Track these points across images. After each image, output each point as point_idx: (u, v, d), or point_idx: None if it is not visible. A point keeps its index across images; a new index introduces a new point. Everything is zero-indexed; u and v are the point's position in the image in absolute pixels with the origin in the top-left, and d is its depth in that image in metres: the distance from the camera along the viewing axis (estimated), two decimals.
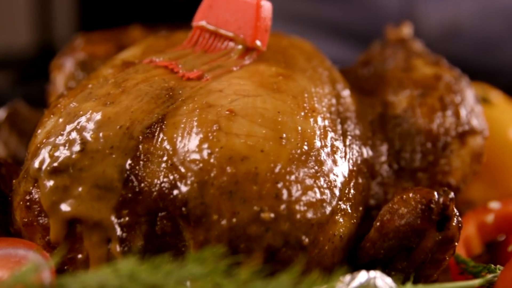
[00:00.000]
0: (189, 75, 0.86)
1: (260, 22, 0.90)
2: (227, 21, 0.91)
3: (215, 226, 0.75)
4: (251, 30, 0.90)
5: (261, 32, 0.90)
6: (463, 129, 0.95)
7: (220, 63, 0.89)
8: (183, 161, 0.77)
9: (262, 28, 0.90)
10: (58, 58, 1.11)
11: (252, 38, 0.90)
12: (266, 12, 0.91)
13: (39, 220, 0.79)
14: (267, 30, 0.91)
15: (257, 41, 0.90)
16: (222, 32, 0.91)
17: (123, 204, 0.77)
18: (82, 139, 0.79)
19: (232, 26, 0.91)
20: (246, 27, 0.90)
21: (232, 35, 0.91)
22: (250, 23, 0.90)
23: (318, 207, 0.77)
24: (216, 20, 0.92)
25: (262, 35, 0.91)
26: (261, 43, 0.91)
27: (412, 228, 0.77)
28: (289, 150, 0.78)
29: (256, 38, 0.90)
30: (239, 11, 0.91)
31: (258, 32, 0.90)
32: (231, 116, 0.79)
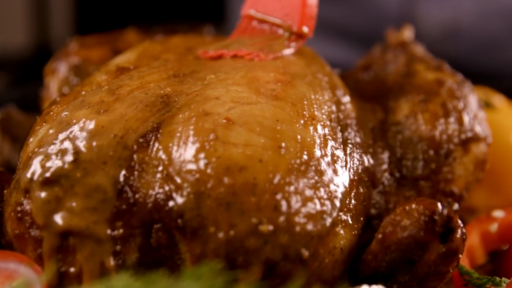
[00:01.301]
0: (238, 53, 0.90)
1: (307, 9, 0.94)
2: (274, 9, 0.95)
3: (212, 238, 0.72)
4: (298, 17, 0.94)
5: (308, 19, 0.95)
6: (466, 136, 0.93)
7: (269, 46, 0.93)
8: (179, 171, 0.75)
9: (309, 15, 0.95)
10: (51, 62, 1.08)
11: (300, 24, 0.94)
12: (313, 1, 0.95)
13: (31, 232, 0.77)
14: (313, 17, 0.95)
15: (304, 27, 0.94)
16: (269, 19, 0.95)
17: (117, 216, 0.75)
18: (75, 148, 0.77)
19: (279, 13, 0.95)
20: (293, 14, 0.94)
21: (280, 22, 0.94)
22: (297, 10, 0.94)
23: (318, 219, 0.75)
24: (264, 8, 0.96)
25: (309, 22, 0.95)
26: (308, 29, 0.94)
27: (415, 241, 0.75)
28: (288, 160, 0.76)
29: (303, 24, 0.94)
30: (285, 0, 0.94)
31: (305, 19, 0.94)
32: (229, 124, 0.77)
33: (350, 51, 2.04)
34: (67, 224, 0.75)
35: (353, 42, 2.03)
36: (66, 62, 1.06)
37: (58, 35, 3.08)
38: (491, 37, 2.04)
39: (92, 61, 1.06)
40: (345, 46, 2.05)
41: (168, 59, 0.91)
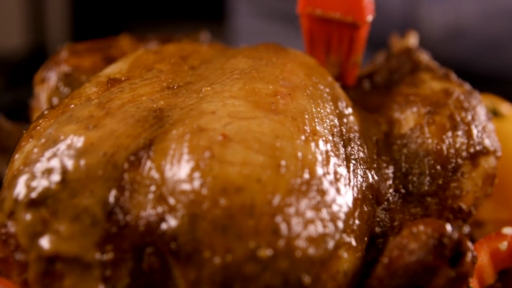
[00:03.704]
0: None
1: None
2: (332, 4, 0.92)
3: (208, 264, 0.68)
4: (361, 10, 0.92)
5: (368, 7, 0.93)
6: (475, 150, 0.88)
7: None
8: (172, 192, 0.71)
9: (367, 3, 0.93)
10: (41, 71, 1.04)
11: (363, 17, 0.92)
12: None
13: (16, 256, 0.73)
14: (371, 2, 0.94)
15: (368, 17, 0.93)
16: (330, 15, 0.92)
17: (107, 240, 0.71)
18: (62, 167, 0.73)
19: (339, 7, 0.92)
20: (353, 8, 0.92)
21: (340, 17, 0.92)
22: (356, 3, 0.92)
23: (320, 242, 0.70)
24: (322, 4, 0.93)
25: (369, 9, 0.93)
26: (371, 15, 0.94)
27: (423, 265, 0.71)
28: (288, 179, 0.71)
29: (365, 15, 0.92)
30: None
31: (365, 9, 0.92)
32: (225, 141, 0.73)
33: None
34: (54, 248, 0.70)
35: None
36: (56, 71, 1.01)
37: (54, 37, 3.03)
38: (494, 39, 2.00)
39: (83, 69, 1.02)
40: None
41: (161, 69, 0.87)
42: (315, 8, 0.93)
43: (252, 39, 2.11)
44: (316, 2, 0.93)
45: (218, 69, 0.88)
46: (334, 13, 0.92)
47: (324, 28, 0.95)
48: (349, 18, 0.92)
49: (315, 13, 0.93)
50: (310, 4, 0.93)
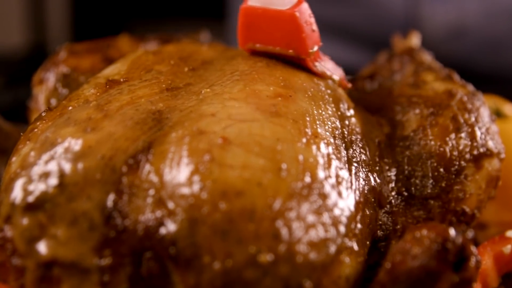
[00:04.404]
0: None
1: (305, 31, 0.84)
2: (272, 38, 0.86)
3: (207, 269, 0.67)
4: (300, 43, 0.85)
5: (310, 38, 0.85)
6: (478, 152, 0.87)
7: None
8: (171, 196, 0.69)
9: (309, 35, 0.85)
10: (39, 72, 1.03)
11: (305, 50, 0.85)
12: (305, 15, 0.85)
13: (13, 261, 0.72)
14: (314, 30, 0.87)
15: (311, 49, 0.86)
16: (271, 50, 0.87)
17: (105, 244, 0.69)
18: (60, 171, 0.72)
19: (279, 42, 0.86)
20: (294, 42, 0.85)
21: (281, 51, 0.86)
22: (295, 36, 0.84)
23: (321, 247, 0.69)
24: (261, 39, 0.87)
25: (312, 39, 0.86)
26: (315, 45, 0.86)
27: (426, 270, 0.69)
28: (289, 183, 0.70)
29: (308, 48, 0.85)
30: (278, 24, 0.85)
31: (307, 42, 0.85)
32: (225, 144, 0.72)
33: (354, 52, 1.99)
34: (51, 253, 0.69)
35: (357, 43, 1.99)
36: (54, 72, 1.00)
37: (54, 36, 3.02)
38: (497, 38, 2.00)
39: (82, 70, 1.01)
40: (349, 47, 2.00)
41: (161, 71, 0.86)
42: (255, 43, 0.87)
43: None
44: (256, 38, 0.87)
45: (218, 70, 0.87)
46: (274, 48, 0.86)
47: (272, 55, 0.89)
48: (291, 52, 0.86)
49: (258, 48, 0.87)
50: (250, 40, 0.87)
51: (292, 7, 0.84)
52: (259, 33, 0.86)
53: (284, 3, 0.85)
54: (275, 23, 0.85)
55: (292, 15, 0.83)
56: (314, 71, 0.87)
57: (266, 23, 0.85)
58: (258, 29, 0.86)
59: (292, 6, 0.84)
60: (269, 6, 0.85)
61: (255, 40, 0.87)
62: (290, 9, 0.84)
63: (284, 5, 0.84)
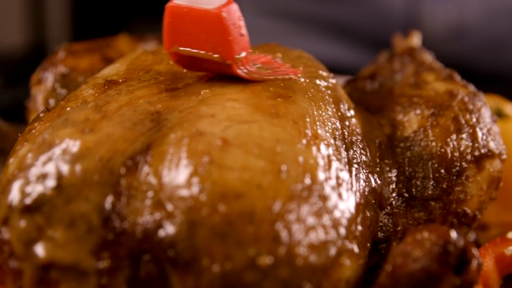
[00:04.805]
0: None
1: (232, 34, 0.77)
2: (197, 41, 0.78)
3: (206, 272, 0.66)
4: (226, 47, 0.77)
5: (237, 43, 0.77)
6: (479, 153, 0.87)
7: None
8: (170, 198, 0.69)
9: (237, 38, 0.77)
10: (38, 72, 1.02)
11: (231, 55, 0.78)
12: (233, 16, 0.77)
13: (10, 263, 0.71)
14: (243, 34, 0.78)
15: (238, 55, 0.78)
16: (196, 54, 0.79)
17: (103, 246, 0.69)
18: (57, 172, 0.71)
19: (204, 45, 0.78)
20: (219, 45, 0.77)
21: (206, 55, 0.78)
22: (221, 39, 0.77)
23: (321, 250, 0.69)
24: (187, 42, 0.79)
25: (240, 44, 0.78)
26: (245, 52, 0.78)
27: (427, 273, 0.69)
28: (289, 185, 0.70)
29: (234, 53, 0.78)
30: (204, 26, 0.77)
31: (234, 46, 0.77)
32: (224, 146, 0.71)
33: (354, 52, 1.98)
34: (49, 256, 0.69)
35: (357, 42, 1.98)
36: (53, 72, 1.00)
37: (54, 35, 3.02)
38: (498, 37, 1.99)
39: (80, 70, 1.00)
40: (349, 47, 1.99)
41: (160, 71, 0.85)
42: (180, 46, 0.79)
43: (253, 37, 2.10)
44: (181, 40, 0.79)
45: None
46: (200, 51, 0.78)
47: (198, 66, 0.81)
48: (217, 57, 0.78)
49: (182, 52, 0.80)
50: (175, 42, 0.79)
51: (219, 7, 0.76)
52: (185, 35, 0.78)
53: (212, 2, 0.77)
54: (200, 24, 0.77)
55: (218, 15, 0.76)
56: (242, 76, 0.80)
57: (191, 24, 0.78)
58: (184, 30, 0.78)
59: (220, 6, 0.76)
60: (195, 5, 0.77)
61: (180, 43, 0.79)
62: (217, 9, 0.76)
63: (212, 4, 0.77)
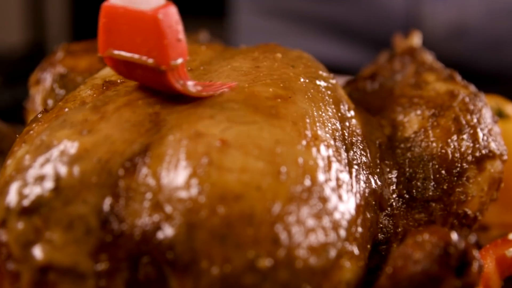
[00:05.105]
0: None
1: (167, 38, 0.71)
2: (132, 44, 0.72)
3: (205, 274, 0.66)
4: (161, 52, 0.71)
5: (173, 48, 0.72)
6: (480, 154, 0.86)
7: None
8: (168, 199, 0.68)
9: (173, 43, 0.72)
10: (36, 72, 1.02)
11: (167, 60, 0.72)
12: (170, 19, 0.72)
13: (8, 266, 0.70)
14: (181, 40, 0.73)
15: (173, 61, 0.73)
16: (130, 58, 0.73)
17: (101, 249, 0.68)
18: (55, 174, 0.70)
19: (139, 48, 0.72)
20: (154, 49, 0.72)
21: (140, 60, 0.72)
22: (156, 42, 0.71)
23: (321, 252, 0.68)
24: (122, 45, 0.73)
25: (176, 50, 0.72)
26: (179, 57, 0.73)
27: (428, 275, 0.68)
28: (288, 186, 0.69)
29: (170, 59, 0.72)
30: (140, 28, 0.72)
31: (169, 50, 0.72)
32: (223, 147, 0.70)
33: (354, 51, 1.98)
34: (47, 258, 0.68)
35: (357, 42, 1.98)
36: (51, 72, 0.99)
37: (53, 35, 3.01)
38: (498, 37, 1.98)
39: (79, 70, 0.99)
40: (349, 46, 1.99)
41: None
42: (114, 49, 0.74)
43: (252, 37, 2.10)
44: (116, 43, 0.73)
45: (217, 71, 0.86)
46: (134, 56, 0.72)
47: (132, 73, 0.76)
48: (151, 62, 0.72)
49: (116, 56, 0.74)
50: (110, 45, 0.74)
51: (156, 8, 0.71)
52: (120, 38, 0.73)
53: (150, 3, 0.72)
54: (136, 26, 0.72)
55: (153, 17, 0.71)
56: (177, 88, 0.75)
57: (127, 26, 0.72)
58: (119, 33, 0.73)
59: (157, 8, 0.71)
60: (132, 5, 0.72)
61: (115, 46, 0.73)
62: (153, 10, 0.71)
63: (149, 5, 0.72)
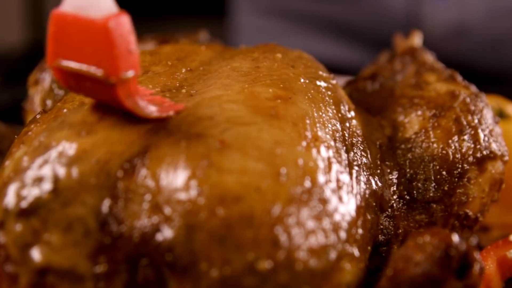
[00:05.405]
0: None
1: (118, 48, 0.67)
2: (82, 54, 0.68)
3: (205, 276, 0.65)
4: (110, 62, 0.67)
5: (124, 59, 0.68)
6: (481, 155, 0.86)
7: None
8: (168, 201, 0.68)
9: (123, 54, 0.67)
10: (35, 72, 1.01)
11: (115, 72, 0.67)
12: (122, 29, 0.67)
13: (5, 268, 0.70)
14: (132, 52, 0.68)
15: (124, 73, 0.68)
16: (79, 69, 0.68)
17: (100, 251, 0.68)
18: (54, 175, 0.70)
19: (88, 59, 0.68)
20: (104, 60, 0.67)
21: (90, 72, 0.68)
22: (106, 52, 0.67)
23: (321, 254, 0.68)
24: (71, 54, 0.69)
25: (127, 61, 0.68)
26: (130, 70, 0.68)
27: (429, 278, 0.68)
28: (288, 188, 0.69)
29: (120, 70, 0.67)
30: (89, 37, 0.67)
31: (119, 62, 0.67)
32: (223, 148, 0.70)
33: (354, 51, 1.97)
34: (45, 260, 0.68)
35: (357, 42, 1.97)
36: (50, 72, 0.99)
37: None
38: (499, 36, 1.98)
39: None
40: (349, 46, 1.98)
41: (158, 72, 0.84)
42: (63, 59, 0.69)
43: (252, 36, 2.09)
44: (65, 53, 0.68)
45: (216, 71, 0.85)
46: (82, 66, 0.68)
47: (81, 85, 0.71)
48: (100, 73, 0.67)
49: (63, 67, 0.69)
50: (59, 55, 0.69)
51: (107, 16, 0.67)
52: (69, 48, 0.68)
53: (101, 10, 0.68)
54: (86, 35, 0.68)
55: (103, 25, 0.66)
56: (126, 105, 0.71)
57: (77, 35, 0.68)
58: (69, 42, 0.68)
59: (108, 16, 0.67)
60: (82, 13, 0.68)
61: (64, 56, 0.69)
62: (104, 18, 0.67)
63: (101, 13, 0.67)
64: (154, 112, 0.73)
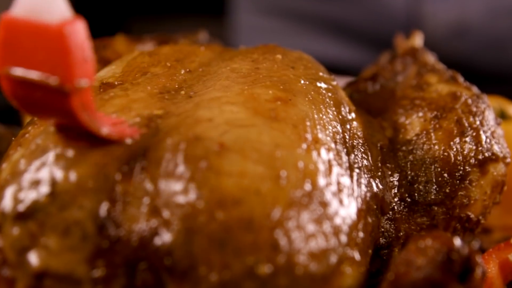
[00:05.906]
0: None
1: (73, 54, 0.62)
2: (34, 61, 0.63)
3: (204, 281, 0.65)
4: (64, 70, 0.62)
5: (79, 67, 0.63)
6: (483, 156, 0.85)
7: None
8: (166, 204, 0.67)
9: (79, 62, 0.63)
10: None
11: (69, 80, 0.63)
12: (79, 36, 0.63)
13: (3, 272, 0.69)
14: (87, 60, 0.64)
15: (80, 80, 0.63)
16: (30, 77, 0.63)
17: (98, 254, 0.67)
18: (51, 179, 0.69)
19: (42, 66, 0.63)
20: (58, 67, 0.63)
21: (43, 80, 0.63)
22: (60, 59, 0.62)
23: (322, 258, 0.67)
24: (22, 61, 0.64)
25: (82, 69, 0.64)
26: (85, 78, 0.64)
27: (430, 282, 0.67)
28: (288, 191, 0.68)
29: (75, 77, 0.63)
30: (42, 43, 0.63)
31: (74, 69, 0.63)
32: (222, 151, 0.69)
33: (355, 51, 1.97)
34: (43, 264, 0.67)
35: (358, 42, 1.96)
36: None
37: None
38: (500, 36, 1.97)
39: None
40: (350, 46, 1.97)
41: (156, 73, 0.84)
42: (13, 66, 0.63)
43: (252, 36, 2.09)
44: (16, 59, 0.63)
45: (216, 72, 0.84)
46: (34, 75, 0.63)
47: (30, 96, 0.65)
48: (53, 81, 0.63)
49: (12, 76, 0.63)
50: (9, 61, 0.63)
51: (62, 21, 0.62)
52: (20, 54, 0.64)
53: (54, 15, 0.63)
54: (38, 41, 0.63)
55: (59, 31, 0.62)
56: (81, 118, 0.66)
57: (29, 41, 0.63)
58: (20, 48, 0.64)
59: (63, 21, 0.62)
60: (35, 17, 0.63)
61: (14, 63, 0.64)
62: (59, 23, 0.62)
63: (55, 18, 0.63)
64: (106, 130, 0.70)
